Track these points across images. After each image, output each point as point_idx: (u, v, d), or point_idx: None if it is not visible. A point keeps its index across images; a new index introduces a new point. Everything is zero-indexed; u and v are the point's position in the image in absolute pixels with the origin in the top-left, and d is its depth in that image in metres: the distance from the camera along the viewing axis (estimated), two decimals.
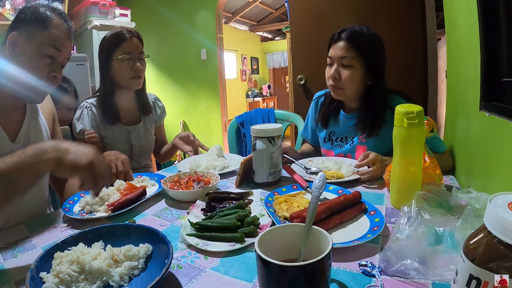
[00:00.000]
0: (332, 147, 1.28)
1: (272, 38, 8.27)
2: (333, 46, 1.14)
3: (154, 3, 3.87)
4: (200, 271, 0.57)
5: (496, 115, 0.69)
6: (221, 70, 3.79)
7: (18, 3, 2.41)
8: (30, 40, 0.85)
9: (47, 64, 0.87)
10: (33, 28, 0.85)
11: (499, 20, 0.71)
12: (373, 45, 1.11)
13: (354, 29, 1.11)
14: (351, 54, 1.09)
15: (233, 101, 5.84)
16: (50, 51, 0.87)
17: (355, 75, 1.11)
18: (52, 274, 0.52)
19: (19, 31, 0.85)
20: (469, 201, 0.62)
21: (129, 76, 1.27)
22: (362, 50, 1.09)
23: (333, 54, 1.13)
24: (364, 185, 0.95)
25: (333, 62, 1.14)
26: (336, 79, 1.13)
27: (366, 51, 1.09)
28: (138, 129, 1.39)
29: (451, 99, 1.25)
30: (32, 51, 0.85)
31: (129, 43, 1.27)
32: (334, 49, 1.13)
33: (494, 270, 0.32)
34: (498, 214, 0.32)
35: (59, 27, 0.88)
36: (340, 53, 1.11)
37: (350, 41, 1.09)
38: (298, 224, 0.51)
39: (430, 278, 0.49)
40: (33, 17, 0.85)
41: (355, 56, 1.09)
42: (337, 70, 1.12)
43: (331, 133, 1.29)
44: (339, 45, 1.11)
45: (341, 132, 1.25)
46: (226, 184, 1.03)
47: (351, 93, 1.15)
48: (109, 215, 0.80)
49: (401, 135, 0.74)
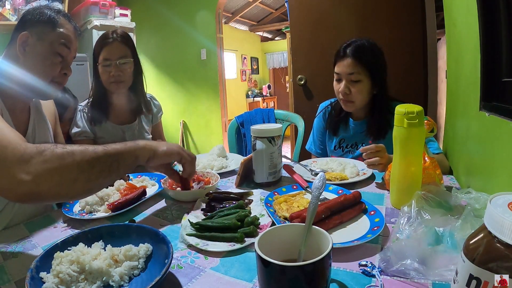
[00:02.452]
0: (343, 153, 1.32)
1: (272, 38, 8.27)
2: (339, 63, 1.21)
3: (154, 3, 3.87)
4: (200, 271, 0.57)
5: (496, 115, 0.69)
6: (221, 70, 3.79)
7: (18, 3, 2.41)
8: (42, 39, 0.87)
9: (59, 61, 0.91)
10: (43, 27, 0.88)
11: (499, 20, 0.71)
12: (376, 56, 1.19)
13: (357, 44, 1.18)
14: (358, 70, 1.16)
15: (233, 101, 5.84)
16: (60, 49, 0.90)
17: (363, 88, 1.19)
18: (52, 274, 0.52)
19: (29, 31, 0.87)
20: (469, 201, 0.62)
21: (109, 81, 1.30)
22: (367, 64, 1.16)
23: (340, 71, 1.20)
24: (364, 186, 0.96)
25: (341, 78, 1.21)
26: (346, 94, 1.20)
27: (371, 64, 1.17)
28: (132, 128, 1.40)
29: (451, 99, 1.25)
30: (44, 49, 0.88)
31: (109, 48, 1.28)
32: (341, 67, 1.20)
33: (494, 270, 0.32)
34: (498, 214, 0.32)
35: (66, 26, 0.92)
36: (347, 70, 1.18)
37: (355, 57, 1.16)
38: (298, 224, 0.51)
39: (430, 278, 0.49)
40: (42, 18, 0.88)
41: (361, 71, 1.17)
42: (346, 86, 1.19)
43: (341, 141, 1.34)
44: (346, 62, 1.18)
45: (351, 139, 1.31)
46: (226, 184, 1.03)
47: (360, 104, 1.22)
48: (109, 215, 0.80)
49: (401, 135, 0.74)
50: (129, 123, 1.40)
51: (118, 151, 0.65)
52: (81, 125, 1.31)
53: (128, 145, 0.69)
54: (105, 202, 0.86)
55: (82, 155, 0.60)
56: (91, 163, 0.60)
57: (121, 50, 1.29)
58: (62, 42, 0.89)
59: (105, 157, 0.63)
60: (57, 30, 0.89)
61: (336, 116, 1.34)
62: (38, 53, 0.87)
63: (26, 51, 0.87)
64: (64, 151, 0.58)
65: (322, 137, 1.42)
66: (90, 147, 0.62)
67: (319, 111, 1.43)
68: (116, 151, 0.65)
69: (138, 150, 0.70)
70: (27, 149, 0.56)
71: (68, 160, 0.58)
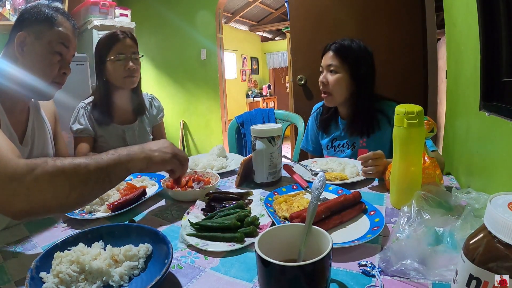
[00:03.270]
0: (335, 153, 1.35)
1: (272, 38, 8.27)
2: (323, 56, 1.29)
3: (154, 3, 3.87)
4: (200, 271, 0.57)
5: (496, 115, 0.69)
6: (221, 70, 3.79)
7: (18, 3, 2.41)
8: (40, 38, 0.86)
9: (58, 61, 0.90)
10: (40, 26, 0.86)
11: (499, 20, 0.71)
12: (357, 53, 1.24)
13: (342, 42, 1.26)
14: (336, 63, 1.24)
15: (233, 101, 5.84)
16: (59, 48, 0.89)
17: (340, 81, 1.24)
18: (52, 274, 0.52)
19: (26, 31, 0.85)
20: (469, 201, 0.62)
21: (123, 75, 1.30)
22: (346, 59, 1.23)
23: (323, 63, 1.29)
24: (364, 186, 0.95)
25: (323, 70, 1.28)
26: (324, 84, 1.26)
27: (350, 60, 1.23)
28: (133, 128, 1.40)
29: (451, 99, 1.25)
30: (43, 48, 0.87)
31: (122, 44, 1.31)
32: (324, 59, 1.29)
33: (494, 270, 0.32)
34: (498, 214, 0.32)
35: (65, 25, 0.90)
36: (327, 62, 1.26)
37: (336, 51, 1.25)
38: (298, 224, 0.51)
39: (430, 278, 0.49)
40: (39, 16, 0.87)
41: (340, 65, 1.23)
42: (325, 76, 1.27)
43: (333, 140, 1.37)
44: (327, 55, 1.27)
45: (342, 138, 1.34)
46: (226, 184, 1.03)
47: (339, 98, 1.27)
48: (109, 215, 0.80)
49: (401, 135, 0.74)
50: (130, 123, 1.41)
51: (110, 164, 0.64)
52: (84, 123, 1.31)
53: (121, 156, 0.67)
54: (105, 202, 0.86)
55: (74, 171, 0.59)
56: (83, 180, 0.60)
57: (132, 46, 1.34)
58: (60, 40, 0.88)
59: (97, 173, 0.62)
60: (55, 29, 0.88)
61: (325, 113, 1.39)
62: (37, 53, 0.86)
63: (24, 51, 0.86)
64: (55, 169, 0.57)
65: (314, 137, 1.48)
66: (82, 163, 0.61)
67: (312, 111, 1.49)
68: (108, 164, 0.64)
69: (130, 162, 0.68)
70: (18, 167, 0.56)
71: (59, 178, 0.58)
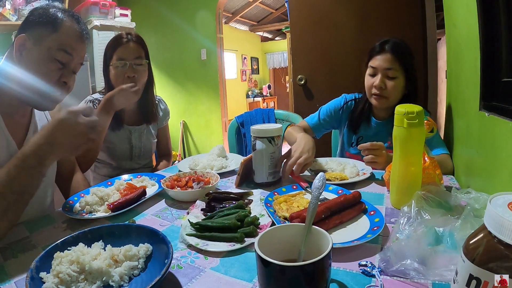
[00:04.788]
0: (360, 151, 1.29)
1: (272, 38, 8.27)
2: (376, 57, 1.20)
3: (154, 3, 3.87)
4: (200, 271, 0.57)
5: (496, 115, 0.69)
6: (221, 70, 3.79)
7: (18, 3, 2.41)
8: (38, 43, 0.79)
9: (57, 69, 0.81)
10: (41, 30, 0.79)
11: (499, 20, 0.71)
12: (412, 56, 1.20)
13: (396, 41, 1.19)
14: (395, 66, 1.17)
15: (233, 101, 5.85)
16: (59, 56, 0.80)
17: (398, 85, 1.18)
18: (52, 274, 0.52)
19: (27, 34, 0.79)
20: (469, 201, 0.62)
21: (122, 83, 1.21)
22: (404, 62, 1.17)
23: (377, 65, 1.19)
24: (364, 186, 0.95)
25: (376, 72, 1.20)
26: (382, 89, 1.19)
27: (408, 63, 1.17)
28: (140, 130, 1.38)
29: (451, 99, 1.25)
30: (40, 55, 0.79)
31: (124, 49, 1.23)
32: (379, 61, 1.19)
33: (494, 270, 0.32)
34: (498, 214, 0.32)
35: (70, 29, 0.82)
36: (385, 65, 1.17)
37: (394, 53, 1.17)
38: (298, 224, 0.51)
39: (430, 278, 0.49)
40: (42, 19, 0.79)
41: (399, 68, 1.17)
42: (382, 80, 1.18)
43: (359, 138, 1.32)
44: (385, 57, 1.18)
45: (371, 138, 1.28)
46: (226, 184, 1.03)
47: (394, 101, 1.21)
48: (109, 215, 0.80)
49: (401, 135, 0.74)
50: (137, 124, 1.38)
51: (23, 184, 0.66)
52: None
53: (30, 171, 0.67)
54: (105, 202, 0.86)
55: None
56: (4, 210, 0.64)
57: (136, 50, 1.25)
58: (62, 47, 0.80)
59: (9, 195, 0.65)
60: (57, 34, 0.80)
61: (359, 113, 1.31)
62: (34, 59, 0.79)
63: (22, 56, 0.79)
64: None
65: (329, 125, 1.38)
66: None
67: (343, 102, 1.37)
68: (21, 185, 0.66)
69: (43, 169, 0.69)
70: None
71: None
